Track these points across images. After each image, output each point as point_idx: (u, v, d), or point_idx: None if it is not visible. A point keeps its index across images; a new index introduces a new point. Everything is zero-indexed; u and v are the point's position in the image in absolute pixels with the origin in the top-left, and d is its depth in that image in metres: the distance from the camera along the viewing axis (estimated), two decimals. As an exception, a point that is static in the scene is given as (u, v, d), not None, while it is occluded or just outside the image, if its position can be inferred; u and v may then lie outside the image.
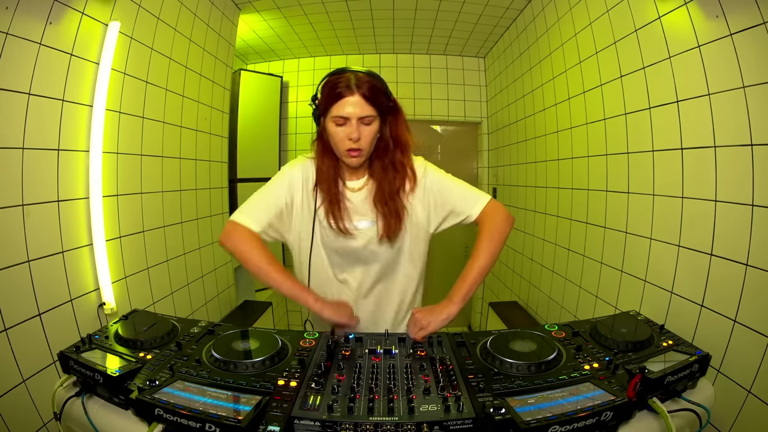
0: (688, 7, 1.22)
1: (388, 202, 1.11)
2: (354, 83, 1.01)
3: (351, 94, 1.00)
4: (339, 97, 1.01)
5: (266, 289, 3.37)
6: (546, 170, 2.36)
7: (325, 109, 1.06)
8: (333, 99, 1.02)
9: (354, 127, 1.03)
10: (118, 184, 1.58)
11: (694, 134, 1.24)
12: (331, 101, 1.02)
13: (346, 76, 1.03)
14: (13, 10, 1.12)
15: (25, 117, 1.19)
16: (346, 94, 1.01)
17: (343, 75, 1.03)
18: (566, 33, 2.03)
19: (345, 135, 1.04)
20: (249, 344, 1.05)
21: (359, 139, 1.04)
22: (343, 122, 1.03)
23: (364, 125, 1.04)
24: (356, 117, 1.02)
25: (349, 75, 1.03)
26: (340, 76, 1.03)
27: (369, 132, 1.05)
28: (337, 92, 1.01)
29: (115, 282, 1.53)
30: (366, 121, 1.04)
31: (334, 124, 1.04)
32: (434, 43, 3.27)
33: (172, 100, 1.93)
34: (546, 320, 2.31)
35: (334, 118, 1.04)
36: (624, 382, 0.84)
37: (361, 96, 1.01)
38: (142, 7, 1.66)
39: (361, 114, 1.02)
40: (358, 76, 1.02)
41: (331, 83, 1.04)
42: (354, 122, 1.02)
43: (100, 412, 0.89)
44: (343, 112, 1.02)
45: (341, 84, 1.01)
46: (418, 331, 1.04)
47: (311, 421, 0.76)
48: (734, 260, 1.11)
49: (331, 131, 1.06)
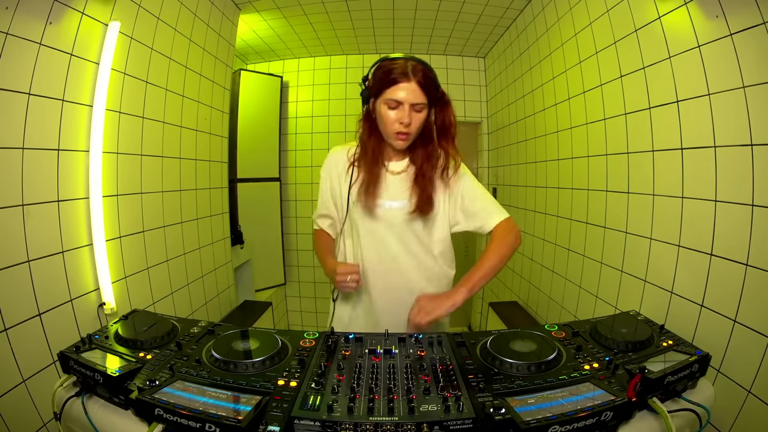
0: (688, 7, 1.22)
1: (425, 183, 1.17)
2: (410, 70, 1.07)
3: (407, 81, 1.06)
4: (394, 82, 1.07)
5: (266, 289, 3.38)
6: (546, 170, 2.36)
7: (378, 91, 1.11)
8: (388, 83, 1.07)
9: (406, 112, 1.08)
10: (118, 184, 1.58)
11: (694, 134, 1.24)
12: (386, 85, 1.08)
13: (401, 62, 1.08)
14: (13, 10, 1.12)
15: (25, 117, 1.19)
16: (401, 80, 1.06)
17: (399, 61, 1.09)
18: (566, 33, 2.03)
19: (396, 118, 1.09)
20: (249, 344, 1.05)
21: (410, 124, 1.10)
22: (396, 105, 1.09)
23: (415, 111, 1.10)
24: (409, 103, 1.08)
25: (405, 62, 1.08)
26: (396, 61, 1.09)
27: (419, 118, 1.12)
28: (393, 77, 1.07)
29: (115, 282, 1.53)
30: (417, 108, 1.10)
31: (387, 107, 1.10)
32: (434, 43, 3.27)
33: (172, 100, 1.93)
34: (546, 320, 2.31)
35: (387, 101, 1.09)
36: (624, 382, 0.84)
37: (416, 83, 1.07)
38: (142, 7, 1.66)
39: (414, 100, 1.08)
40: (413, 64, 1.08)
41: (386, 68, 1.09)
42: (406, 107, 1.08)
43: (100, 412, 0.89)
44: (397, 96, 1.07)
45: (397, 69, 1.07)
46: (423, 316, 1.05)
47: (311, 421, 0.76)
48: (734, 260, 1.11)
49: (383, 113, 1.11)
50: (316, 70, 3.61)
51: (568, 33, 2.00)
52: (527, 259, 2.64)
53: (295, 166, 3.66)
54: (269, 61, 3.65)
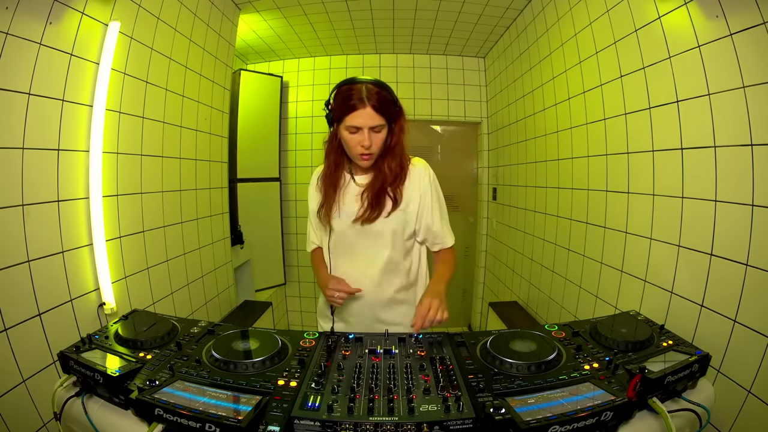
0: (688, 7, 1.22)
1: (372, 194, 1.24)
2: (365, 95, 1.12)
3: (363, 107, 1.12)
4: (352, 109, 1.13)
5: (266, 289, 3.38)
6: (546, 170, 2.36)
7: (338, 117, 1.18)
8: (347, 110, 1.14)
9: (366, 135, 1.15)
10: (118, 184, 1.58)
11: (694, 134, 1.24)
12: (345, 112, 1.14)
13: (357, 87, 1.14)
14: (13, 10, 1.12)
15: (25, 117, 1.19)
16: (358, 107, 1.12)
17: (355, 86, 1.14)
18: (566, 33, 2.03)
19: (357, 142, 1.17)
20: (249, 344, 1.05)
21: (371, 146, 1.17)
22: (355, 131, 1.16)
23: (374, 133, 1.17)
24: (368, 126, 1.14)
25: (360, 87, 1.14)
26: (352, 87, 1.14)
27: (379, 138, 1.19)
28: (351, 104, 1.13)
29: (115, 282, 1.53)
30: (376, 129, 1.16)
31: (348, 132, 1.17)
32: (434, 43, 3.27)
33: (172, 100, 1.93)
34: (546, 320, 2.31)
35: (348, 128, 1.16)
36: (624, 382, 0.84)
37: (371, 107, 1.13)
38: (142, 7, 1.66)
39: (372, 124, 1.14)
40: (368, 88, 1.14)
41: (343, 94, 1.16)
42: (366, 131, 1.15)
43: (100, 412, 0.89)
44: (356, 122, 1.14)
45: (354, 96, 1.13)
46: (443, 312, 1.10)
47: (311, 421, 0.76)
48: (734, 260, 1.11)
49: (345, 138, 1.18)
50: (316, 70, 3.61)
51: (568, 33, 2.00)
52: (527, 259, 2.64)
53: (295, 166, 3.66)
54: (269, 61, 3.65)
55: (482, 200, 3.55)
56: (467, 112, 3.55)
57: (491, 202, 3.47)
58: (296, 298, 3.82)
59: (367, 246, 1.29)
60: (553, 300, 2.24)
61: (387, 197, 1.25)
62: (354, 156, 1.22)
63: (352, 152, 1.20)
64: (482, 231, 3.58)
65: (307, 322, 3.80)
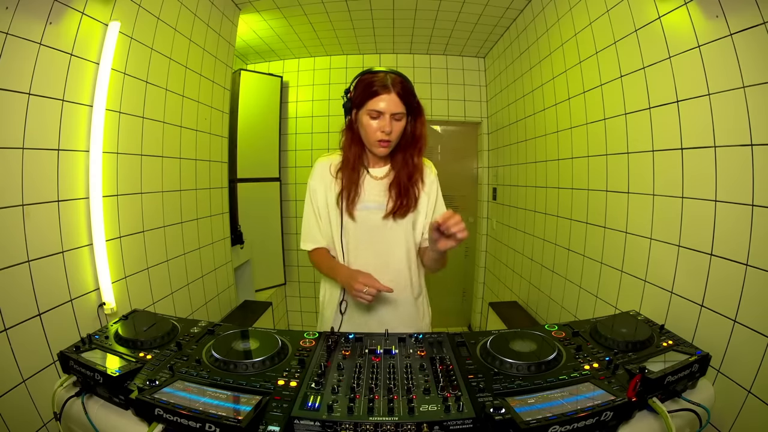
0: (688, 7, 1.22)
1: (401, 188, 1.27)
2: (390, 82, 1.16)
3: (387, 93, 1.15)
4: (376, 94, 1.15)
5: (266, 289, 3.38)
6: (546, 170, 2.36)
7: (360, 102, 1.19)
8: (370, 95, 1.16)
9: (387, 121, 1.17)
10: (118, 184, 1.58)
11: (694, 134, 1.24)
12: (368, 96, 1.16)
13: (381, 75, 1.17)
14: (13, 10, 1.12)
15: (25, 117, 1.19)
16: (382, 92, 1.15)
17: (379, 74, 1.17)
18: (566, 33, 2.03)
19: (378, 127, 1.18)
20: (249, 344, 1.05)
21: (391, 132, 1.18)
22: (377, 116, 1.17)
23: (395, 120, 1.19)
24: (390, 112, 1.16)
25: (384, 75, 1.17)
26: (376, 74, 1.17)
27: (399, 126, 1.20)
28: (374, 89, 1.15)
29: (115, 282, 1.53)
30: (397, 117, 1.19)
31: (369, 117, 1.18)
32: (434, 43, 3.27)
33: (172, 100, 1.93)
34: (546, 320, 2.31)
35: (370, 112, 1.17)
36: (624, 382, 0.84)
37: (396, 94, 1.15)
38: (142, 7, 1.66)
39: (394, 110, 1.17)
40: (392, 77, 1.17)
41: (367, 80, 1.18)
42: (387, 117, 1.17)
43: (100, 412, 0.89)
44: (378, 107, 1.16)
45: (378, 82, 1.16)
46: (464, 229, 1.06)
47: (311, 421, 0.76)
48: (734, 260, 1.11)
49: (365, 123, 1.19)
50: (316, 70, 3.61)
51: (568, 33, 2.00)
52: (527, 259, 2.64)
53: (295, 166, 3.66)
54: (269, 61, 3.65)
55: (482, 200, 3.55)
56: (467, 112, 3.55)
57: (491, 202, 3.47)
58: (296, 298, 3.82)
59: (381, 241, 1.29)
60: (553, 300, 2.24)
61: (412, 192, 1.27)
62: (371, 143, 1.21)
63: (371, 138, 1.20)
64: (482, 231, 3.58)
65: (307, 322, 3.80)
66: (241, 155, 3.03)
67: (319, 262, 1.34)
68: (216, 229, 2.41)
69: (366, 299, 1.14)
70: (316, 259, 1.35)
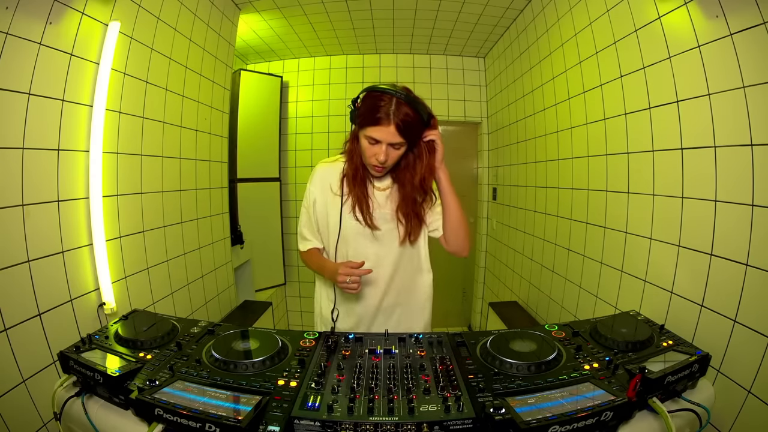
0: (688, 7, 1.22)
1: (410, 213, 1.26)
2: (392, 111, 1.09)
3: (387, 124, 1.09)
4: (376, 122, 1.10)
5: (266, 289, 3.38)
6: (546, 170, 2.36)
7: (361, 124, 1.15)
8: (370, 121, 1.11)
9: (383, 149, 1.13)
10: (118, 184, 1.58)
11: (694, 134, 1.24)
12: (368, 122, 1.12)
13: (387, 99, 1.09)
14: (13, 10, 1.12)
15: (25, 117, 1.19)
16: (382, 122, 1.09)
17: (385, 97, 1.10)
18: (566, 33, 2.03)
19: (373, 153, 1.15)
20: (249, 344, 1.05)
21: (385, 161, 1.15)
22: (374, 142, 1.14)
23: (392, 149, 1.15)
24: (386, 142, 1.12)
25: (390, 99, 1.09)
26: (383, 97, 1.10)
27: (395, 155, 1.17)
28: (377, 117, 1.10)
29: (115, 282, 1.53)
30: (395, 146, 1.14)
31: (367, 141, 1.15)
32: (434, 43, 3.27)
33: (172, 100, 1.93)
34: (546, 320, 2.31)
35: (368, 137, 1.14)
36: (624, 382, 0.84)
37: (395, 126, 1.09)
38: (142, 7, 1.65)
39: (392, 141, 1.12)
40: (398, 104, 1.09)
41: (372, 101, 1.11)
42: (384, 145, 1.13)
43: (100, 412, 0.89)
44: (375, 135, 1.12)
45: (381, 109, 1.09)
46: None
47: (311, 421, 0.76)
48: (734, 260, 1.11)
49: (363, 145, 1.17)
50: (316, 70, 3.61)
51: (568, 33, 2.00)
52: (527, 259, 2.64)
53: (295, 166, 3.66)
54: (269, 61, 3.65)
55: (482, 200, 3.55)
56: (467, 112, 3.55)
57: (491, 202, 3.47)
58: (296, 298, 3.82)
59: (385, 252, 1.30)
60: (553, 300, 2.24)
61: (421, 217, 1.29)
62: (367, 164, 1.21)
63: (367, 160, 1.19)
64: (482, 231, 3.58)
65: (307, 322, 3.80)
66: (241, 155, 3.02)
67: (309, 261, 1.37)
68: (216, 229, 2.41)
69: (352, 288, 1.14)
70: (306, 258, 1.38)
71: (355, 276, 1.14)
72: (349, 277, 1.13)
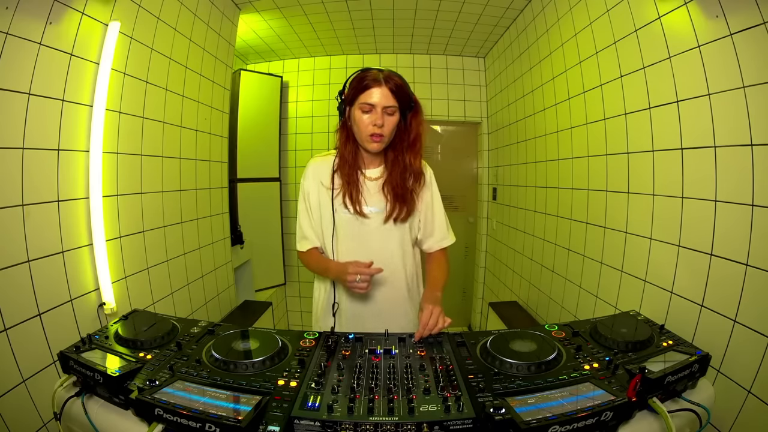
0: (688, 7, 1.22)
1: (396, 189, 1.26)
2: (382, 77, 1.16)
3: (378, 86, 1.15)
4: (367, 88, 1.16)
5: (266, 289, 3.38)
6: (546, 170, 2.36)
7: (352, 98, 1.19)
8: (362, 89, 1.16)
9: (379, 114, 1.16)
10: (118, 184, 1.58)
11: (694, 134, 1.24)
12: (360, 91, 1.17)
13: (374, 71, 1.18)
14: (13, 10, 1.12)
15: (25, 117, 1.19)
16: (373, 86, 1.15)
17: (372, 70, 1.18)
18: (566, 33, 2.03)
19: (370, 121, 1.17)
20: (249, 344, 1.05)
21: (383, 126, 1.17)
22: (369, 109, 1.17)
23: (387, 114, 1.18)
24: (381, 106, 1.16)
25: (378, 71, 1.18)
26: (369, 71, 1.18)
27: (391, 121, 1.19)
28: (366, 83, 1.16)
29: (115, 282, 1.53)
30: (389, 111, 1.18)
31: (361, 111, 1.17)
32: (434, 43, 3.27)
33: (172, 100, 1.93)
34: (546, 320, 2.31)
35: (361, 105, 1.17)
36: (624, 382, 0.84)
37: (387, 89, 1.15)
38: (142, 7, 1.66)
39: (386, 103, 1.16)
40: (385, 73, 1.17)
41: (359, 77, 1.19)
42: (379, 110, 1.16)
43: (100, 412, 0.89)
44: (370, 99, 1.15)
45: (370, 77, 1.16)
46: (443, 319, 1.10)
47: (311, 421, 0.76)
48: (734, 260, 1.11)
49: (357, 118, 1.19)
50: (316, 70, 3.61)
51: (568, 33, 2.00)
52: (527, 259, 2.64)
53: (295, 166, 3.66)
54: (269, 61, 3.65)
55: (482, 200, 3.55)
56: (467, 112, 3.55)
57: (491, 202, 3.47)
58: (296, 298, 3.82)
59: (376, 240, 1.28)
60: (553, 300, 2.24)
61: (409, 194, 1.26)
62: (364, 138, 1.20)
63: (363, 134, 1.19)
64: (482, 231, 3.58)
65: (307, 322, 3.79)
66: (241, 155, 3.02)
67: (308, 261, 1.34)
68: (216, 229, 2.41)
69: (362, 287, 1.12)
70: (306, 258, 1.35)
71: (365, 275, 1.12)
72: (359, 276, 1.11)
